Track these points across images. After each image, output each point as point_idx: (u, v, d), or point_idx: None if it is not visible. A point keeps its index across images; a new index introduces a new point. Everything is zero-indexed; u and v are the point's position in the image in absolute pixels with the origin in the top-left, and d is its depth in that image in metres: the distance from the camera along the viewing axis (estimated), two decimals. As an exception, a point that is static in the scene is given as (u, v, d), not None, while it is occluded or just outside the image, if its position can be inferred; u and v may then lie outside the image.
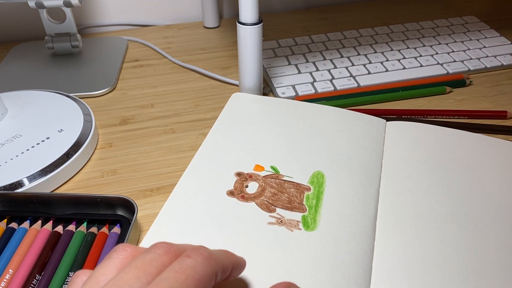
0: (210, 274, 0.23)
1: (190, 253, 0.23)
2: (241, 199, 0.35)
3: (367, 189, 0.37)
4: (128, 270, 0.22)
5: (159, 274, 0.22)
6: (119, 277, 0.21)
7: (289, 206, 0.35)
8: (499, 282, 0.30)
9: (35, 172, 0.39)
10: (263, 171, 0.38)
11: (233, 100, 0.47)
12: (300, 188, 0.36)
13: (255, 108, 0.45)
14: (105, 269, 0.23)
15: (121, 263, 0.23)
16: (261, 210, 0.34)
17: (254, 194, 0.36)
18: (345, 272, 0.31)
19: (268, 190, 0.36)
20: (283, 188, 0.36)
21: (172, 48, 0.63)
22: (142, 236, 0.36)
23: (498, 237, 0.33)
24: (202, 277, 0.22)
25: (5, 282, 0.31)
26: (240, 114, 0.44)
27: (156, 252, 0.23)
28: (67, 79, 0.56)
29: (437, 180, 0.38)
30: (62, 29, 0.59)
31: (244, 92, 0.48)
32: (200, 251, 0.24)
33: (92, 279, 0.22)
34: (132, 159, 0.44)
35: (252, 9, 0.43)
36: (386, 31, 0.64)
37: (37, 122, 0.45)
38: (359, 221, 0.34)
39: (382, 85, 0.53)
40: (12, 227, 0.36)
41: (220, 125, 0.43)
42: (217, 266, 0.24)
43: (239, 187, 0.36)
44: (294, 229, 0.33)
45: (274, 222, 0.33)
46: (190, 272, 0.22)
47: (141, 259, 0.23)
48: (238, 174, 0.37)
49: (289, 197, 0.36)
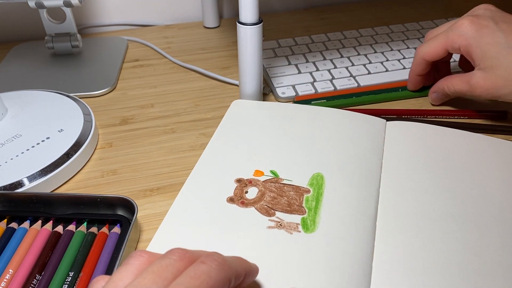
0: (224, 280, 0.24)
1: (204, 259, 0.24)
2: (241, 205, 0.35)
3: (367, 189, 0.37)
4: (145, 276, 0.23)
5: (174, 279, 0.23)
6: (136, 282, 0.22)
7: (288, 209, 0.35)
8: (499, 282, 0.30)
9: (35, 172, 0.39)
10: (263, 175, 0.38)
11: (233, 108, 0.47)
12: (299, 190, 0.37)
13: (254, 114, 0.46)
14: (123, 274, 0.24)
15: (138, 269, 0.24)
16: (260, 215, 0.35)
17: (254, 199, 0.36)
18: (345, 272, 0.31)
19: (267, 194, 0.36)
20: (283, 192, 0.36)
21: (172, 48, 0.63)
22: (142, 236, 0.36)
23: (498, 237, 0.33)
24: (216, 282, 0.23)
25: (5, 282, 0.31)
26: (240, 121, 0.45)
27: (172, 258, 0.24)
28: (67, 79, 0.56)
29: (437, 180, 0.38)
30: (62, 29, 0.59)
31: (244, 92, 0.48)
32: (214, 257, 0.24)
33: (110, 284, 0.23)
34: (132, 159, 0.44)
35: (252, 9, 0.43)
36: (386, 31, 0.64)
37: (37, 122, 0.45)
38: (359, 221, 0.34)
39: (382, 85, 0.53)
40: (12, 227, 0.36)
41: (221, 133, 0.43)
42: (231, 272, 0.25)
43: (239, 193, 0.36)
44: (293, 232, 0.33)
45: (274, 225, 0.34)
46: (204, 278, 0.23)
47: (157, 264, 0.23)
48: (238, 181, 0.38)
49: (288, 200, 0.36)
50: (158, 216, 0.38)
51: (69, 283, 0.31)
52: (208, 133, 0.47)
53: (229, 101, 0.52)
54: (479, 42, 0.42)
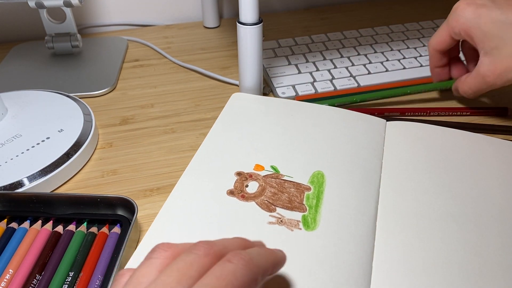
0: (251, 280, 0.23)
1: (231, 258, 0.23)
2: (241, 198, 0.35)
3: (367, 189, 0.37)
4: (170, 273, 0.22)
5: (200, 277, 0.22)
6: (160, 280, 0.22)
7: (289, 206, 0.35)
8: (499, 282, 0.30)
9: (35, 172, 0.39)
10: (263, 170, 0.38)
11: (233, 100, 0.47)
12: (300, 187, 0.36)
13: (255, 108, 0.45)
14: (146, 270, 0.23)
15: (162, 264, 0.23)
16: (261, 210, 0.34)
17: (254, 193, 0.36)
18: (345, 271, 0.31)
19: (268, 189, 0.36)
20: (283, 188, 0.36)
21: (172, 48, 0.63)
22: (142, 236, 0.36)
23: (499, 237, 0.33)
24: (242, 283, 0.23)
25: (5, 282, 0.31)
26: (240, 114, 0.44)
27: (197, 254, 0.23)
28: (67, 79, 0.56)
29: (437, 180, 0.38)
30: (62, 29, 0.59)
31: (244, 92, 0.48)
32: (241, 255, 0.23)
33: (133, 279, 0.23)
34: (132, 159, 0.44)
35: (252, 9, 0.43)
36: (386, 31, 0.64)
37: (37, 122, 0.45)
38: (359, 221, 0.34)
39: (382, 85, 0.53)
40: (12, 227, 0.36)
41: (220, 125, 0.43)
42: (258, 271, 0.24)
43: (239, 187, 0.36)
44: (294, 229, 0.33)
45: (274, 221, 0.33)
46: (230, 279, 0.22)
47: (182, 261, 0.23)
48: (238, 174, 0.37)
49: (289, 196, 0.36)
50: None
51: (69, 283, 0.31)
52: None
53: (229, 101, 0.52)
54: (478, 23, 0.40)
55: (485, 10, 0.40)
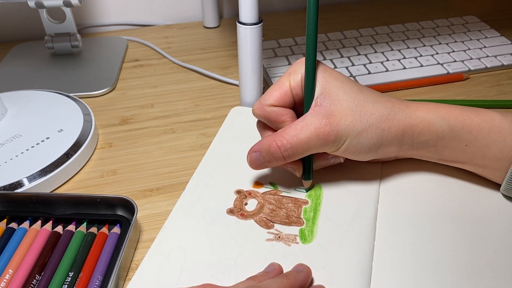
0: None
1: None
2: (241, 217, 0.35)
3: (367, 189, 0.37)
4: None
5: None
6: None
7: (287, 221, 0.35)
8: (498, 282, 0.30)
9: (35, 172, 0.39)
10: (262, 187, 0.38)
11: (232, 115, 0.47)
12: (298, 202, 0.37)
13: (254, 123, 0.45)
14: None
15: None
16: (259, 227, 0.35)
17: (253, 211, 0.36)
18: (345, 271, 0.31)
19: (266, 206, 0.36)
20: (281, 204, 0.37)
21: (172, 48, 0.63)
22: (142, 236, 0.36)
23: (497, 238, 0.33)
24: None
25: (5, 282, 0.31)
26: (239, 130, 0.44)
27: None
28: (66, 79, 0.56)
29: (437, 180, 0.38)
30: (62, 29, 0.59)
31: (244, 92, 0.48)
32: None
33: None
34: (132, 159, 0.44)
35: (252, 9, 0.43)
36: (386, 31, 0.64)
37: (37, 122, 0.45)
38: (359, 221, 0.34)
39: (382, 85, 0.53)
40: (12, 227, 0.35)
41: (220, 141, 0.43)
42: None
43: (238, 205, 0.36)
44: (291, 244, 0.33)
45: (272, 238, 0.34)
46: None
47: None
48: (237, 192, 0.38)
49: (287, 212, 0.36)
50: (158, 216, 0.38)
51: (69, 283, 0.31)
52: (208, 133, 0.47)
53: (229, 101, 0.52)
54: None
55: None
